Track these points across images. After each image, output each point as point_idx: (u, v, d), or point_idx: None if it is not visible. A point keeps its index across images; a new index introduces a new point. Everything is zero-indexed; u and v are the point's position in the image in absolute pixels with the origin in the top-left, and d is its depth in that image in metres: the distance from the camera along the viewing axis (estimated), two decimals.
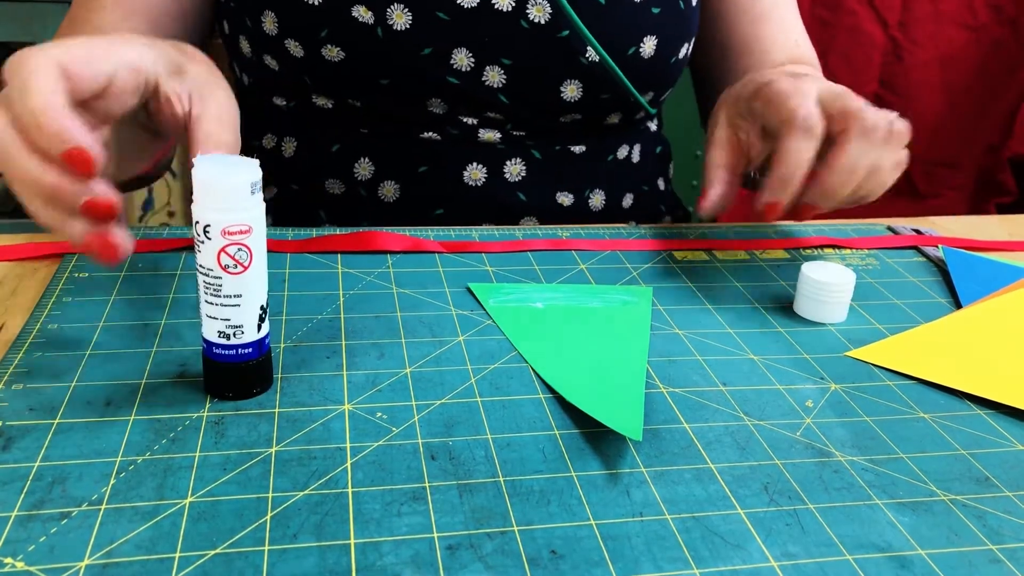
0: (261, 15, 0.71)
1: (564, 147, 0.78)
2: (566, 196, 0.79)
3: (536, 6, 0.70)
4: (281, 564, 0.37)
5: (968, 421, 0.49)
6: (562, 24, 0.71)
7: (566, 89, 0.73)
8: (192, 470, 0.41)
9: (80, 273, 0.59)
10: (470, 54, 0.71)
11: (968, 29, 1.52)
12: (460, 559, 0.37)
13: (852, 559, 0.39)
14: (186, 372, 0.49)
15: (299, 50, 0.71)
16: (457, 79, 0.72)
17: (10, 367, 0.48)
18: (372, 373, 0.50)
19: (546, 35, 0.71)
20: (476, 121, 0.75)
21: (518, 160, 0.76)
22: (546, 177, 0.55)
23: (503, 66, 0.72)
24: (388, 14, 0.69)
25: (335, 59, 0.71)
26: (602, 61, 0.72)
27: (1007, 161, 1.58)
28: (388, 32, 0.69)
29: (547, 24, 0.71)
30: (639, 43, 0.73)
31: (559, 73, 0.73)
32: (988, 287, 0.63)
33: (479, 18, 0.70)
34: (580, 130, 0.78)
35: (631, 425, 0.45)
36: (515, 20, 0.71)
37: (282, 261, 0.62)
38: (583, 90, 0.74)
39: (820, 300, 0.58)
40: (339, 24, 0.69)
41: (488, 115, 0.75)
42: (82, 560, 0.36)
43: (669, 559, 0.38)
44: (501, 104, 0.74)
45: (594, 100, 0.75)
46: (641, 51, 0.73)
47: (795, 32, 0.85)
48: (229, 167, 0.44)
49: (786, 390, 0.51)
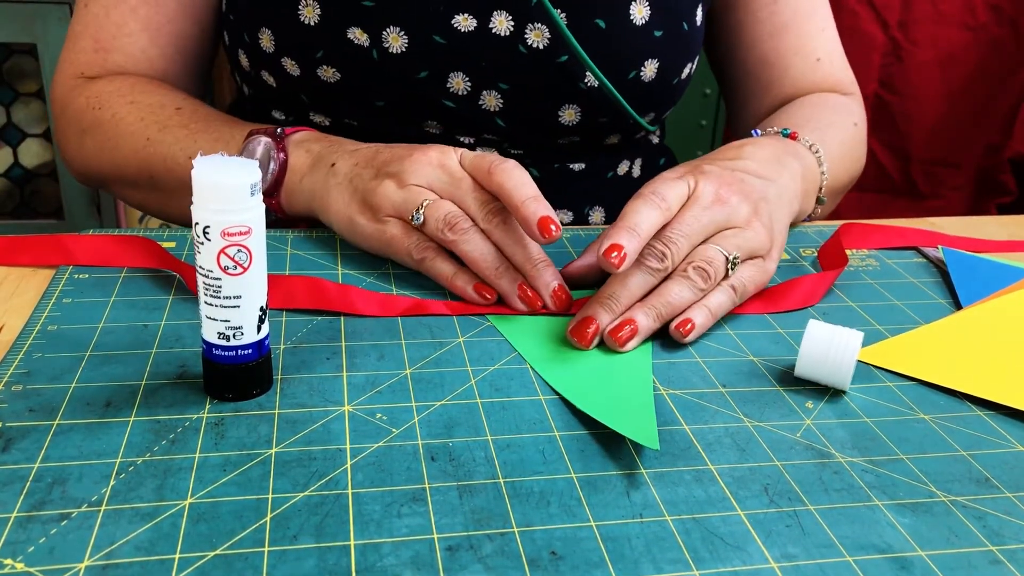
0: (258, 32, 0.71)
1: (563, 165, 0.77)
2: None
3: (535, 31, 0.70)
4: (281, 565, 0.37)
5: (968, 422, 0.49)
6: (561, 49, 0.70)
7: (564, 113, 0.73)
8: (192, 471, 0.41)
9: (80, 274, 0.59)
10: (467, 78, 0.71)
11: (968, 29, 1.52)
12: (460, 560, 0.37)
13: (852, 560, 0.39)
14: (186, 373, 0.49)
15: (295, 69, 0.71)
16: (453, 103, 0.71)
17: (10, 368, 0.48)
18: (372, 374, 0.50)
19: (545, 60, 0.70)
20: (473, 140, 0.74)
21: None
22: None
23: (500, 90, 0.71)
24: (384, 37, 0.69)
25: (331, 80, 0.70)
26: (601, 86, 0.71)
27: (1007, 161, 1.58)
28: (384, 55, 0.69)
29: (546, 49, 0.70)
30: (640, 67, 0.72)
31: (557, 98, 0.72)
32: (988, 288, 0.63)
33: (476, 42, 0.69)
34: (579, 150, 0.77)
35: (646, 433, 0.45)
36: (513, 45, 0.70)
37: (282, 262, 0.62)
38: (582, 114, 0.73)
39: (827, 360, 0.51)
40: (335, 45, 0.69)
41: (485, 136, 0.74)
42: (82, 561, 0.36)
43: (669, 560, 0.38)
44: (498, 127, 0.73)
45: (593, 123, 0.74)
46: (642, 75, 0.72)
47: (821, 44, 0.81)
48: (228, 168, 0.44)
49: (786, 391, 0.51)
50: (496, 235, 0.57)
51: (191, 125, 0.68)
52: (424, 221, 0.57)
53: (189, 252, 0.63)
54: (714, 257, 0.56)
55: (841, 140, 0.75)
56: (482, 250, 0.57)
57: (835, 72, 0.82)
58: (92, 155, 0.74)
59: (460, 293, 0.57)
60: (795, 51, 0.81)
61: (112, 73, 0.74)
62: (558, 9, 0.69)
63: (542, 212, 0.54)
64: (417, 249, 0.58)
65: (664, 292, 0.55)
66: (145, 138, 0.69)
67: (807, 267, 0.67)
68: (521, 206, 0.55)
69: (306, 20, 0.69)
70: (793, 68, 0.81)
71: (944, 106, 1.55)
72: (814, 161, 0.69)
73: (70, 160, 0.77)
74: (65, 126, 0.76)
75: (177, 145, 0.68)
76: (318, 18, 0.69)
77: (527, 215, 0.54)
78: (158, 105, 0.70)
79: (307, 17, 0.69)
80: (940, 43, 1.52)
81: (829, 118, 0.76)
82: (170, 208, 0.73)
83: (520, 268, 0.57)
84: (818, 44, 0.81)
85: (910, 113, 1.55)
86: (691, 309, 0.55)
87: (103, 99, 0.72)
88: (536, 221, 0.54)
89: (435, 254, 0.58)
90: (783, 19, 0.80)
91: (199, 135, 0.68)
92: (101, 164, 0.73)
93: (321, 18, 0.69)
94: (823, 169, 0.69)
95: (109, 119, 0.71)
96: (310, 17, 0.69)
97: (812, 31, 0.81)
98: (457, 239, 0.57)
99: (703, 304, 0.55)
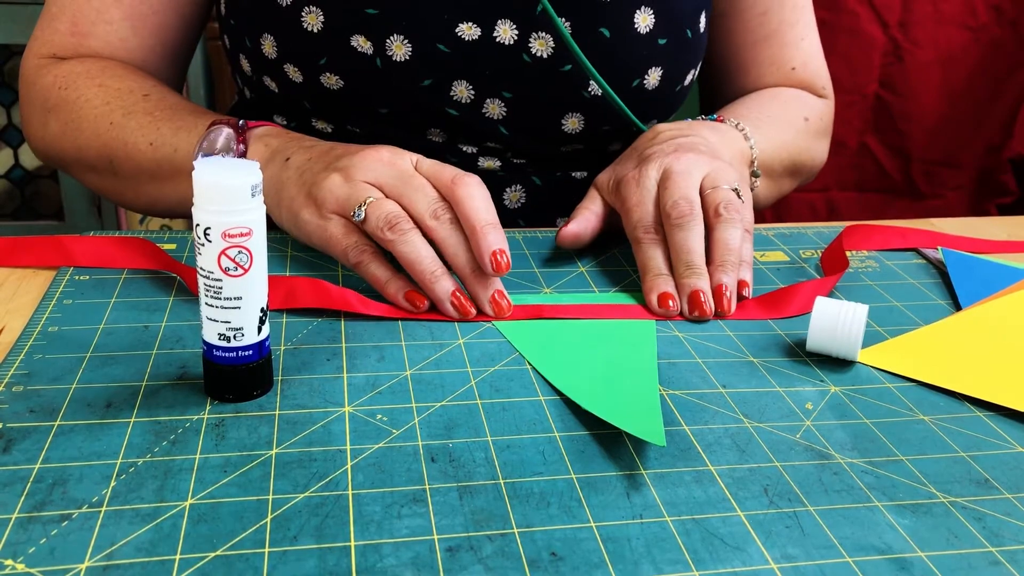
0: (260, 38, 0.71)
1: (565, 173, 0.77)
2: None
3: (539, 40, 0.69)
4: (281, 566, 0.37)
5: (968, 423, 0.49)
6: (565, 58, 0.70)
7: (567, 122, 0.73)
8: (192, 472, 0.41)
9: (81, 275, 0.59)
10: (470, 86, 0.71)
11: (968, 29, 1.51)
12: (460, 561, 0.37)
13: (852, 561, 0.39)
14: (186, 374, 0.49)
15: (298, 75, 0.71)
16: (457, 111, 0.71)
17: (11, 369, 0.48)
18: (372, 375, 0.50)
19: (548, 69, 0.70)
20: (476, 149, 0.74)
21: (518, 187, 0.76)
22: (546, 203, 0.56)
23: (503, 99, 0.71)
24: (388, 45, 0.68)
25: (334, 87, 0.70)
26: (605, 94, 0.71)
27: (1008, 161, 1.58)
28: (387, 63, 0.69)
29: (549, 58, 0.70)
30: (644, 75, 0.72)
31: (561, 106, 0.72)
32: (988, 289, 0.63)
33: (480, 51, 0.69)
34: (582, 158, 0.77)
35: (652, 430, 0.45)
36: (517, 54, 0.70)
37: (282, 264, 0.62)
38: (585, 122, 0.73)
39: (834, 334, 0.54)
40: (338, 53, 0.69)
41: (488, 144, 0.74)
42: (83, 562, 0.36)
43: (669, 561, 0.38)
44: (501, 135, 0.73)
45: (596, 132, 0.74)
46: (645, 83, 0.73)
47: (798, 55, 0.83)
48: (229, 170, 0.44)
49: (786, 392, 0.51)
50: (440, 233, 0.55)
51: (155, 112, 0.68)
52: (365, 218, 0.56)
53: (190, 254, 0.63)
54: (724, 194, 0.60)
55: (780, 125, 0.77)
56: (419, 252, 0.55)
57: (807, 77, 0.84)
58: (55, 136, 0.72)
59: (392, 299, 0.56)
60: (772, 61, 0.83)
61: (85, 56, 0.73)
62: (562, 18, 0.69)
63: (497, 244, 0.54)
64: (354, 252, 0.57)
65: (720, 243, 0.59)
66: (108, 122, 0.68)
67: (807, 269, 0.67)
68: (480, 231, 0.54)
69: (309, 27, 0.69)
70: (767, 77, 0.83)
71: (944, 106, 1.55)
72: (739, 135, 0.71)
73: (33, 139, 0.75)
74: (30, 104, 0.74)
75: (140, 131, 0.67)
76: (321, 25, 0.69)
77: (483, 244, 0.54)
78: (126, 90, 0.69)
79: (310, 24, 0.69)
80: (940, 43, 1.52)
81: (769, 109, 0.78)
82: (126, 195, 0.72)
83: (459, 272, 0.56)
84: (795, 54, 0.83)
85: (910, 113, 1.55)
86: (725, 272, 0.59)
87: (71, 79, 0.71)
88: (489, 253, 0.54)
89: (371, 258, 0.57)
90: (768, 29, 0.82)
91: (162, 123, 0.67)
92: (63, 145, 0.72)
93: (324, 26, 0.69)
94: (751, 144, 0.71)
95: (74, 100, 0.70)
96: (313, 24, 0.69)
97: (793, 40, 0.83)
98: (395, 239, 0.55)
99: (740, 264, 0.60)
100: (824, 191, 1.57)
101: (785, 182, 0.79)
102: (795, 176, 0.80)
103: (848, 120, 1.54)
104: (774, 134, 0.75)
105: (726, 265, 0.59)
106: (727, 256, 0.59)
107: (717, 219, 0.60)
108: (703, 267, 0.58)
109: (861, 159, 1.58)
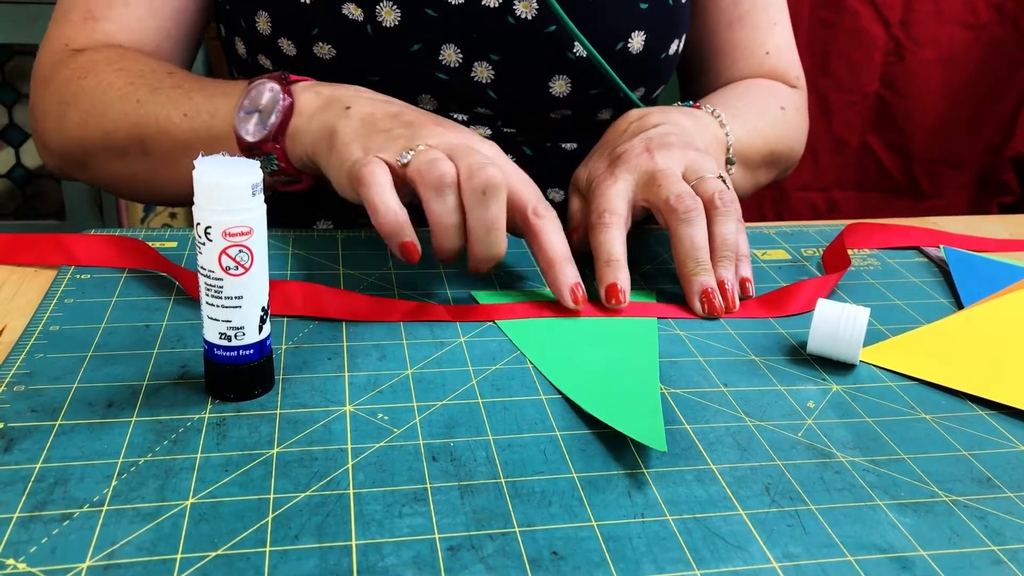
0: (255, 15, 0.72)
1: (556, 144, 0.78)
2: (557, 193, 0.79)
3: (523, 2, 0.70)
4: (282, 565, 0.37)
5: (970, 422, 0.49)
6: (548, 19, 0.71)
7: (555, 84, 0.74)
8: (193, 471, 0.41)
9: (82, 274, 0.59)
10: (458, 50, 0.72)
11: (970, 28, 1.51)
12: (461, 560, 0.37)
13: (853, 560, 0.39)
14: (187, 373, 0.49)
15: (292, 48, 0.72)
16: (446, 75, 0.72)
17: (12, 368, 0.48)
18: (373, 374, 0.50)
19: (533, 30, 0.71)
20: (467, 118, 0.75)
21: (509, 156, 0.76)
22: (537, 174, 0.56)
23: (491, 62, 0.72)
24: (377, 11, 0.69)
25: (326, 56, 0.71)
26: (590, 56, 0.71)
27: (1009, 161, 1.58)
28: (377, 29, 0.70)
29: (533, 20, 0.71)
30: (627, 38, 0.73)
31: (547, 68, 0.73)
32: (990, 287, 0.63)
33: (466, 14, 0.70)
34: (572, 127, 0.78)
35: (654, 435, 0.45)
36: (502, 16, 0.71)
37: (283, 263, 0.62)
38: (572, 85, 0.74)
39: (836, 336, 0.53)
40: (330, 22, 0.70)
41: (478, 111, 0.75)
42: (84, 561, 0.36)
43: (670, 560, 0.38)
44: (490, 100, 0.74)
45: (583, 95, 0.75)
46: (629, 46, 0.73)
47: (772, 38, 0.83)
48: (230, 169, 0.44)
49: (787, 391, 0.51)
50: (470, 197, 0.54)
51: (184, 85, 0.67)
52: (409, 161, 0.55)
53: (191, 252, 0.63)
54: (714, 183, 0.60)
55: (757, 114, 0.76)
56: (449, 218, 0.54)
57: (780, 65, 0.84)
58: (75, 127, 0.70)
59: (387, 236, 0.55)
60: (746, 44, 0.83)
61: (100, 44, 0.72)
62: None
63: (572, 279, 0.56)
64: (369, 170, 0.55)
65: (718, 237, 0.59)
66: (135, 100, 0.67)
67: (809, 267, 0.67)
68: (557, 266, 0.56)
69: None
70: (741, 60, 0.83)
71: (946, 105, 1.55)
72: (714, 121, 0.71)
73: (49, 136, 0.74)
74: (45, 101, 0.73)
75: (171, 104, 0.66)
76: None
77: (560, 280, 0.56)
78: (148, 71, 0.69)
79: None
80: (942, 42, 1.52)
81: (746, 98, 0.78)
82: (160, 175, 0.70)
83: (470, 232, 0.55)
84: (768, 38, 0.83)
85: (912, 112, 1.55)
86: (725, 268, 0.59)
87: (89, 68, 0.70)
88: (568, 287, 0.56)
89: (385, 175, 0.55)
90: (741, 10, 0.82)
91: (194, 93, 0.66)
92: (85, 135, 0.70)
93: None
94: (727, 131, 0.71)
95: (95, 86, 0.69)
96: None
97: (765, 24, 0.83)
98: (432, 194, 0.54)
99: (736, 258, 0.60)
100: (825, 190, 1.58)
101: (762, 173, 0.79)
102: (772, 167, 0.80)
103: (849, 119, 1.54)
104: (751, 122, 0.75)
105: (725, 260, 0.59)
106: (725, 251, 0.59)
107: (714, 211, 0.60)
108: (710, 264, 0.59)
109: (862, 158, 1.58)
